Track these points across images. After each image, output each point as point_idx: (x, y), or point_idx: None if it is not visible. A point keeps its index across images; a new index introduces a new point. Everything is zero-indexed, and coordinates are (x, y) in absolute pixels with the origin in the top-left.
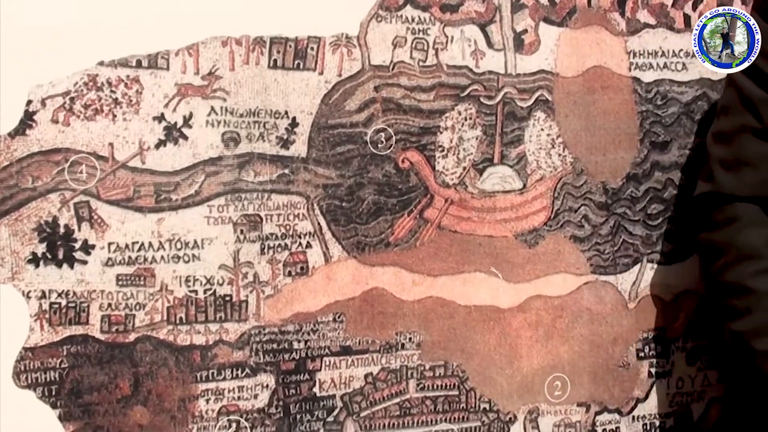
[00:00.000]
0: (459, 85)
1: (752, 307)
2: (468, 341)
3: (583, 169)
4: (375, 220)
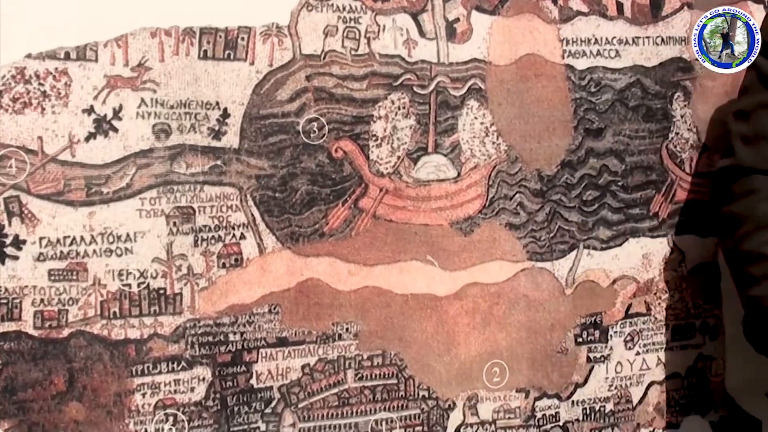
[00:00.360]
0: (392, 74)
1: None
2: (405, 330)
3: (518, 156)
4: (309, 211)
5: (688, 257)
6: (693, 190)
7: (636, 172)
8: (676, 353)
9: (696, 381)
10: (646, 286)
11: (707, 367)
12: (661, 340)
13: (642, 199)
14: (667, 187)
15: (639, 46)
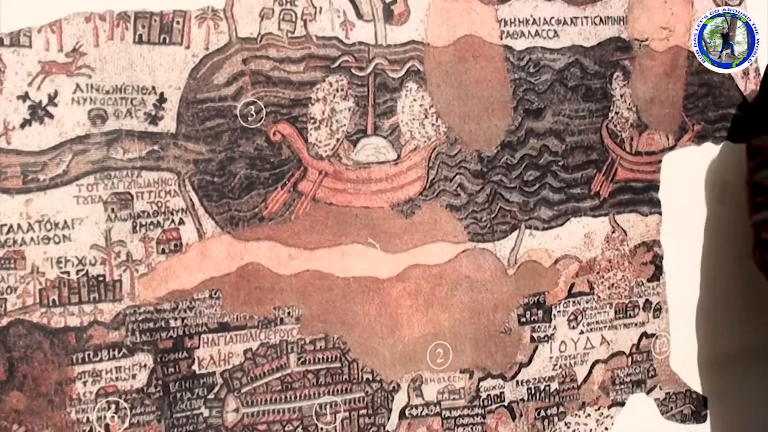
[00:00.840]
0: (329, 56)
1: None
2: (348, 313)
3: (457, 138)
4: (248, 195)
5: (630, 236)
6: (634, 168)
7: (576, 151)
8: (619, 331)
9: (640, 359)
10: (589, 266)
11: (651, 344)
12: (605, 318)
13: (583, 178)
14: (607, 166)
15: (577, 26)
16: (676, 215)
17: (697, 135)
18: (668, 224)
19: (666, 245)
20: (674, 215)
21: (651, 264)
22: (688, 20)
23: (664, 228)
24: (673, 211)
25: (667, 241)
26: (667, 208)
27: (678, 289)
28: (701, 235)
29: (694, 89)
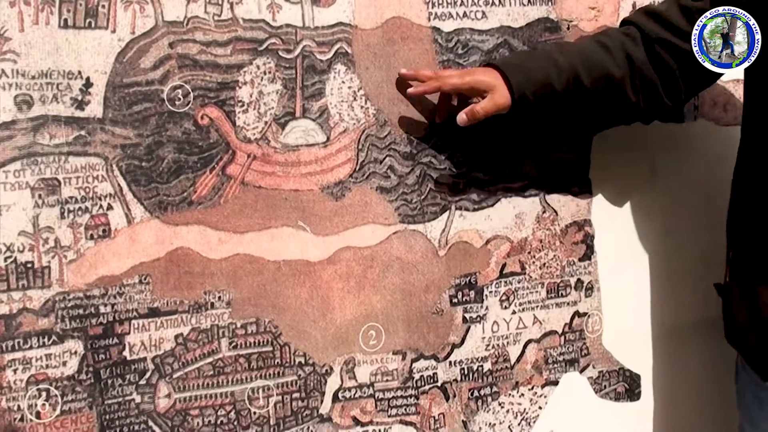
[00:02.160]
0: (256, 39)
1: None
2: (279, 296)
3: (387, 120)
4: (176, 179)
5: (561, 215)
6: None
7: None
8: (552, 311)
9: (573, 338)
10: (520, 246)
11: (584, 323)
12: (537, 298)
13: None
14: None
15: (506, 7)
16: (607, 195)
17: None
18: (598, 204)
19: (597, 224)
20: (604, 195)
21: (582, 243)
22: (617, 0)
23: (595, 207)
24: (604, 191)
25: (598, 220)
26: (598, 187)
27: (610, 267)
28: (632, 214)
29: None
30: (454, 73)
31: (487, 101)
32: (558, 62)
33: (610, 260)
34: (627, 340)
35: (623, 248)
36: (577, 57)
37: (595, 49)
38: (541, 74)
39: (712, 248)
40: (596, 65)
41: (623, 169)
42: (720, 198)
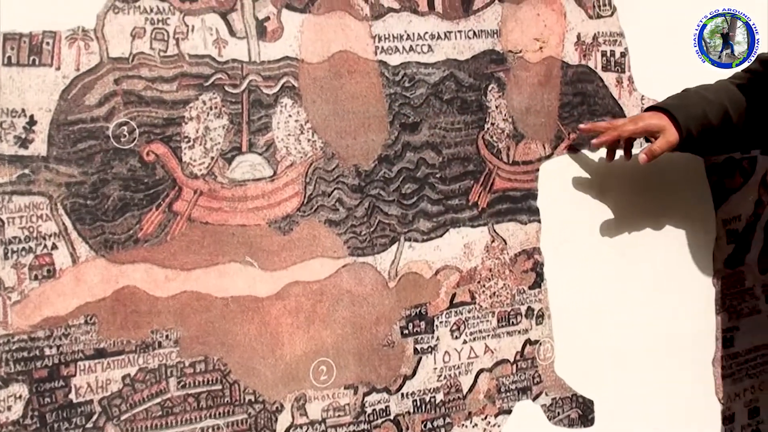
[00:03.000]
0: (202, 74)
1: None
2: (227, 334)
3: (334, 153)
4: (122, 217)
5: (510, 244)
6: (511, 178)
7: (453, 163)
8: (503, 339)
9: (525, 366)
10: (470, 275)
11: (536, 351)
12: (488, 327)
13: (460, 189)
14: (484, 176)
15: (451, 41)
16: (555, 222)
17: (573, 143)
18: (548, 232)
19: (546, 252)
20: (553, 223)
21: (532, 271)
22: (561, 32)
23: (544, 235)
24: (552, 219)
25: (547, 248)
26: (546, 215)
27: (560, 294)
28: (581, 241)
29: (569, 98)
30: (627, 120)
31: (662, 140)
32: (710, 99)
33: (561, 287)
34: (579, 367)
35: (573, 275)
36: (723, 93)
37: (730, 88)
38: (699, 111)
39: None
40: (737, 99)
41: (572, 195)
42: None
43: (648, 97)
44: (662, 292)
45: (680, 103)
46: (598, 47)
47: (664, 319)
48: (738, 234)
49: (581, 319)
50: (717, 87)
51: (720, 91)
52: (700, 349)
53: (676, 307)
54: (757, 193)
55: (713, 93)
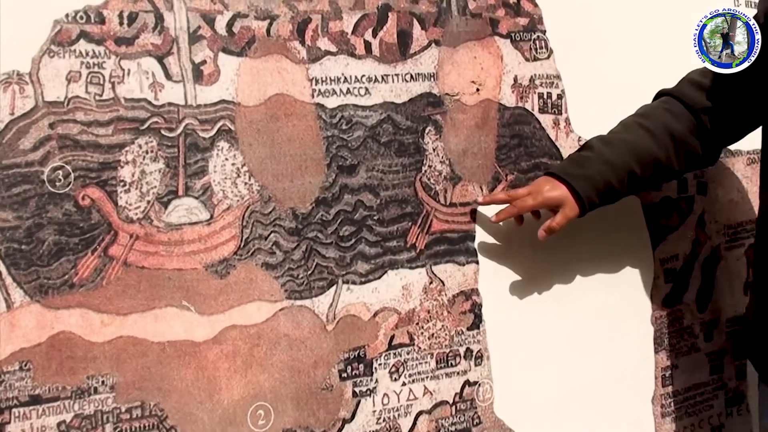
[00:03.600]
0: (138, 118)
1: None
2: (164, 379)
3: (271, 196)
4: (57, 261)
5: (448, 285)
6: (449, 220)
7: (391, 205)
8: (442, 381)
9: (464, 407)
10: (408, 317)
11: (475, 392)
12: (426, 369)
13: (398, 231)
14: (422, 218)
15: (389, 84)
16: (493, 264)
17: (510, 184)
18: (485, 273)
19: (484, 293)
20: (491, 264)
21: (470, 312)
22: (498, 74)
23: (482, 276)
24: (490, 260)
25: (486, 289)
26: (484, 257)
27: (498, 335)
28: (519, 282)
29: (506, 140)
30: (525, 192)
31: (561, 216)
32: (612, 162)
33: (499, 328)
34: (519, 408)
35: (511, 316)
36: (628, 152)
37: (641, 137)
38: (601, 179)
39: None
40: (645, 155)
41: (508, 237)
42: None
43: (584, 138)
44: (601, 332)
45: (581, 172)
46: (535, 89)
47: (603, 359)
48: (676, 273)
49: (520, 359)
50: (625, 141)
51: (626, 146)
52: (639, 388)
53: (615, 347)
54: (694, 232)
55: (616, 149)
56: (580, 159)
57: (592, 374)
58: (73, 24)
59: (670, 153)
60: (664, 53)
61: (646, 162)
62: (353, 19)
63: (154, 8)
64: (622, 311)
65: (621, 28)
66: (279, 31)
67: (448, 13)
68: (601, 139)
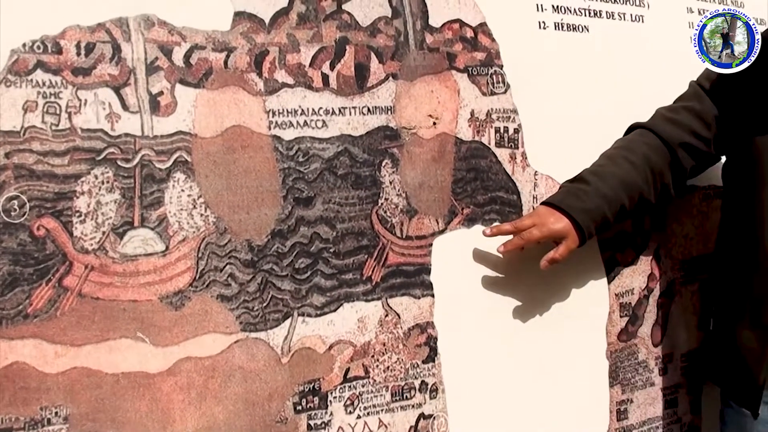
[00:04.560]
0: (94, 148)
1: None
2: (118, 410)
3: (227, 228)
4: (11, 292)
5: (404, 318)
6: (405, 253)
7: (347, 238)
8: (397, 414)
9: None
10: (363, 350)
11: (429, 425)
12: (382, 401)
13: (354, 264)
14: (378, 251)
15: (346, 116)
16: (449, 297)
17: (466, 218)
18: (441, 306)
19: (440, 326)
20: (447, 297)
21: (426, 345)
22: (455, 108)
23: (437, 309)
24: (446, 293)
25: (441, 322)
26: (440, 290)
27: (454, 368)
28: (474, 315)
29: (462, 174)
30: (530, 224)
31: (563, 248)
32: (608, 196)
33: (454, 361)
34: None
35: (467, 349)
36: (620, 186)
37: (628, 172)
38: (598, 212)
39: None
40: (633, 189)
41: (465, 270)
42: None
43: (541, 172)
44: (555, 365)
45: (581, 206)
46: (492, 123)
47: (558, 393)
48: (631, 307)
49: (475, 393)
50: (615, 175)
51: (617, 180)
52: (594, 422)
53: (570, 380)
54: (649, 267)
55: (608, 182)
56: (578, 191)
57: (547, 408)
58: (30, 53)
59: (650, 186)
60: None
61: (633, 195)
62: (311, 52)
63: (111, 39)
64: (577, 345)
65: (577, 64)
66: (236, 63)
67: (406, 47)
68: (593, 173)
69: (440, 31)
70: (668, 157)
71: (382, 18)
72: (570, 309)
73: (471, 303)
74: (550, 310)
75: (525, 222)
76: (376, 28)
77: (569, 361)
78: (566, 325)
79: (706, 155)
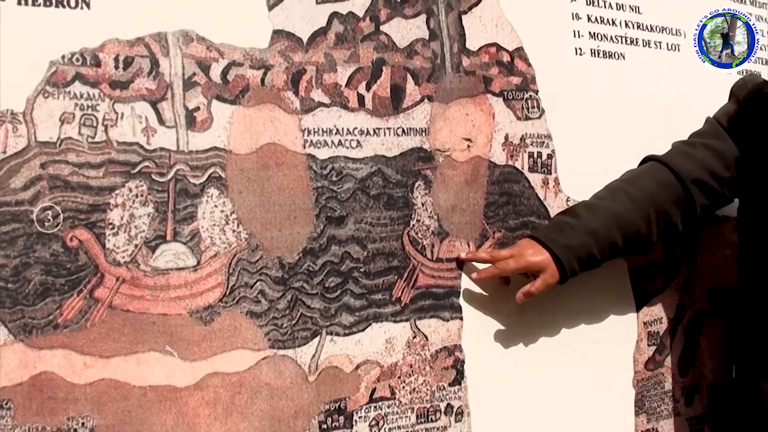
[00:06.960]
0: (129, 161)
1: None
2: (144, 423)
3: (259, 244)
4: (42, 302)
5: (432, 341)
6: (435, 275)
7: (378, 258)
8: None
9: None
10: (390, 371)
11: None
12: (406, 423)
13: (384, 284)
14: (408, 272)
15: (380, 137)
16: (477, 320)
17: (498, 242)
18: (469, 329)
19: (467, 350)
20: (475, 320)
21: (452, 368)
22: (490, 132)
23: (466, 333)
24: (475, 317)
25: (469, 345)
26: (468, 313)
27: (480, 392)
28: (502, 340)
29: (494, 198)
30: (507, 255)
31: (540, 282)
32: (596, 233)
33: (481, 385)
34: None
35: (494, 373)
36: (612, 222)
37: (625, 208)
38: (584, 249)
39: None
40: (628, 226)
41: (493, 295)
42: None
43: (573, 198)
44: (582, 392)
45: (565, 241)
46: (526, 148)
47: (584, 420)
48: (659, 336)
49: (501, 417)
50: (610, 210)
51: (611, 215)
52: None
53: (596, 408)
54: (678, 296)
55: (600, 217)
56: (564, 225)
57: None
58: (69, 65)
59: (651, 224)
60: (655, 118)
61: (627, 233)
62: (347, 72)
63: (149, 53)
64: (604, 372)
65: (612, 91)
66: (273, 81)
67: (442, 69)
68: (587, 206)
69: (477, 55)
70: (679, 194)
71: (420, 40)
72: (598, 336)
73: (499, 327)
74: (578, 337)
75: (502, 253)
76: (413, 50)
77: (595, 388)
78: (593, 352)
79: (719, 196)
